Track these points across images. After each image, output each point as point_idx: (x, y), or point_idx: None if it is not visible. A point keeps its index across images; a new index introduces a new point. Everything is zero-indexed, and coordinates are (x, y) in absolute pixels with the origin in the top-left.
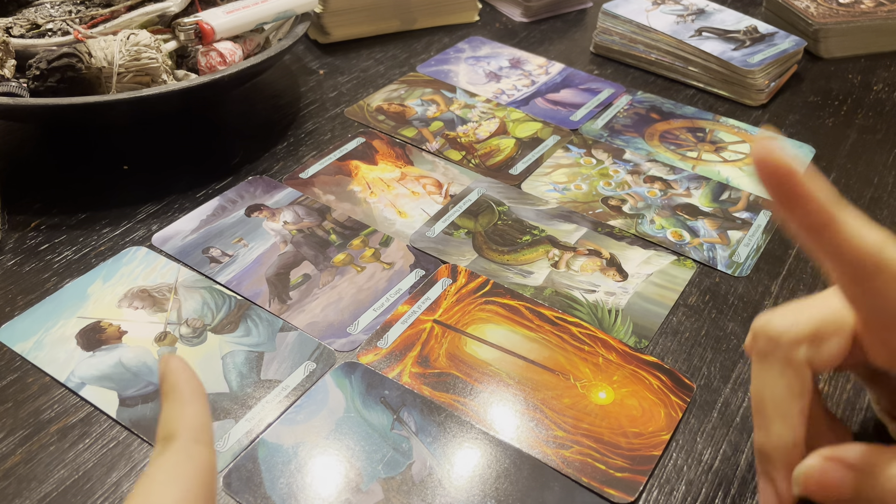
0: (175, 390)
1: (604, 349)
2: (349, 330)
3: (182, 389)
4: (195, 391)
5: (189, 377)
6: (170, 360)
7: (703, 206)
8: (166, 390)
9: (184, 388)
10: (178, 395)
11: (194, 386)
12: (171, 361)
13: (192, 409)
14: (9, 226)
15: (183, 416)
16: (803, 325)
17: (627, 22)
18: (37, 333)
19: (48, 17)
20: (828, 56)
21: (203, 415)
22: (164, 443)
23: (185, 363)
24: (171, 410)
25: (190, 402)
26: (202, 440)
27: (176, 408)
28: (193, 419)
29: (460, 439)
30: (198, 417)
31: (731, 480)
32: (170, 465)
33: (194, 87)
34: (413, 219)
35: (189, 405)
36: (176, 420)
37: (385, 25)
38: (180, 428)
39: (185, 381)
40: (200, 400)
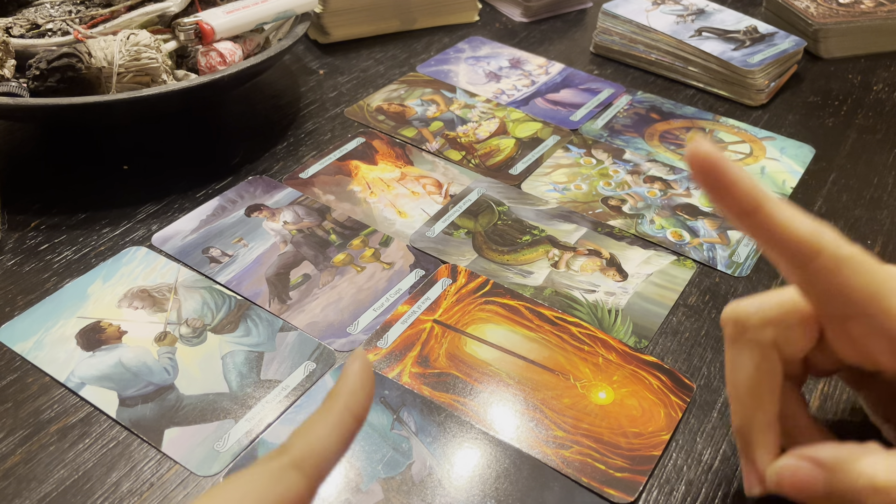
0: (332, 399)
1: (604, 349)
2: (349, 330)
3: (337, 401)
4: (347, 409)
5: (355, 390)
6: (355, 362)
7: (703, 206)
8: (330, 393)
9: (339, 400)
10: (328, 406)
11: (352, 403)
12: (354, 364)
13: (325, 430)
14: (9, 226)
15: (309, 433)
16: (769, 309)
17: (627, 22)
18: (37, 333)
19: (48, 17)
20: (828, 56)
21: (330, 441)
22: (276, 454)
23: (368, 371)
24: (310, 421)
25: (330, 420)
26: (305, 469)
27: (315, 419)
28: (315, 441)
29: (460, 439)
30: (321, 441)
31: (731, 480)
32: (253, 483)
33: (194, 87)
34: (413, 219)
35: (327, 423)
36: (302, 433)
37: (385, 25)
38: (296, 444)
39: (349, 393)
40: (343, 422)
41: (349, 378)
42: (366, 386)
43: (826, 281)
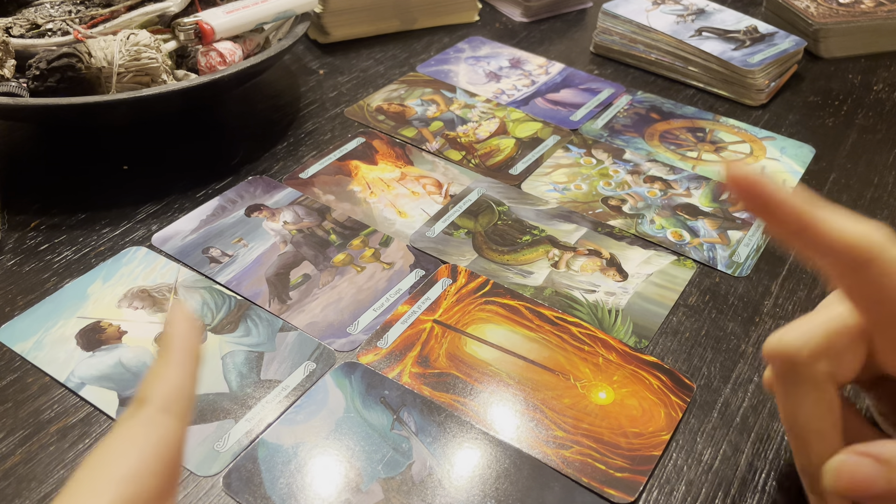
0: (167, 347)
1: (604, 349)
2: (349, 330)
3: (174, 348)
4: (186, 352)
5: (186, 334)
6: (176, 310)
7: (703, 206)
8: (162, 344)
9: (176, 346)
10: (167, 354)
11: (188, 346)
12: (177, 312)
13: (175, 373)
14: (9, 226)
15: (161, 380)
16: (817, 339)
17: (627, 22)
18: (37, 333)
19: (48, 17)
20: (828, 56)
21: (183, 381)
22: (135, 408)
23: (191, 317)
24: (155, 370)
25: (176, 364)
26: (172, 410)
27: (160, 367)
28: (170, 385)
29: (460, 439)
30: (176, 383)
31: (731, 480)
32: (129, 435)
33: (194, 87)
34: (413, 219)
35: (173, 368)
36: (153, 382)
37: (385, 25)
38: (154, 393)
39: (182, 338)
40: (187, 364)
41: (176, 323)
42: (193, 326)
43: (880, 286)
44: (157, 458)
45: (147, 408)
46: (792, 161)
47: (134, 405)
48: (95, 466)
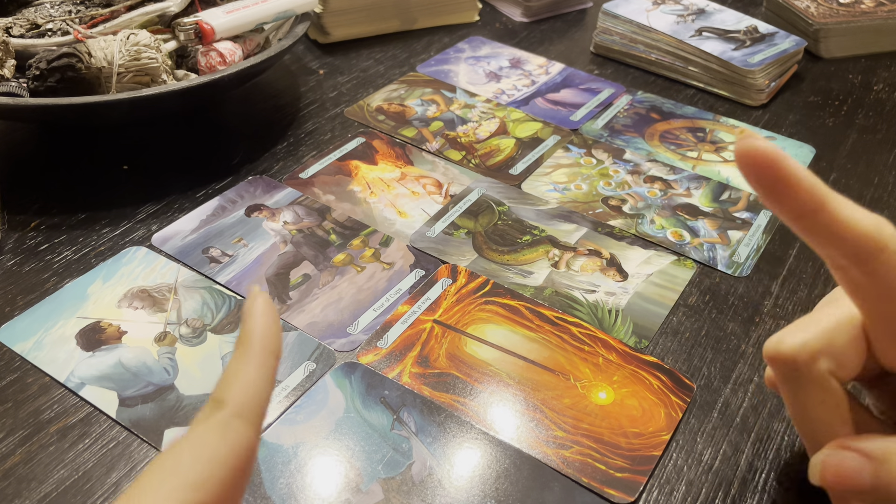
0: (246, 342)
1: (604, 349)
2: (349, 330)
3: (254, 343)
4: (266, 350)
5: (267, 329)
6: (257, 300)
7: (704, 206)
8: (240, 338)
9: (255, 343)
10: (245, 350)
11: (268, 343)
12: (257, 302)
13: (253, 375)
14: (9, 226)
15: (238, 381)
16: (815, 340)
17: (627, 22)
18: (36, 333)
19: (48, 17)
20: (828, 56)
21: (261, 384)
22: (210, 408)
23: (272, 308)
24: (233, 368)
25: (254, 364)
26: (247, 416)
27: (238, 366)
28: (247, 387)
29: (460, 439)
30: (253, 386)
31: (731, 480)
32: (201, 442)
33: (194, 87)
34: (413, 219)
35: (251, 367)
36: (231, 383)
37: (385, 25)
38: (230, 395)
39: (262, 334)
40: (267, 363)
41: (257, 319)
42: (275, 322)
43: (886, 278)
44: (228, 466)
45: (222, 411)
46: None
47: (210, 406)
48: (164, 469)
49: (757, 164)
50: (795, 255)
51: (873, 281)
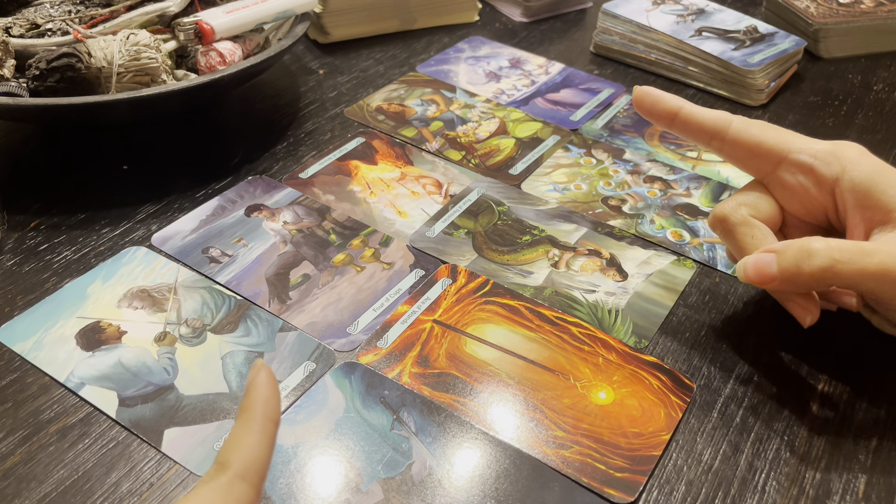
0: (249, 411)
1: (604, 349)
2: (349, 330)
3: (255, 412)
4: (267, 418)
5: (269, 399)
6: (260, 373)
7: (703, 206)
8: (243, 406)
9: (258, 411)
10: (248, 418)
11: (269, 411)
12: (260, 374)
13: (255, 440)
14: (8, 226)
15: (242, 446)
16: (735, 198)
17: (627, 22)
18: (36, 333)
19: (48, 17)
20: (828, 56)
21: (261, 449)
22: (215, 471)
23: (273, 380)
24: (236, 433)
25: (256, 430)
26: (249, 479)
27: (241, 432)
28: (250, 452)
29: (460, 439)
30: (255, 451)
31: (731, 480)
32: (207, 499)
33: (194, 87)
34: (413, 219)
35: (253, 434)
36: (235, 447)
37: (385, 25)
38: (234, 459)
39: (264, 402)
40: (267, 430)
41: (259, 388)
42: (275, 392)
43: (743, 141)
44: None
45: (226, 473)
46: None
47: (214, 468)
48: None
49: (637, 99)
50: None
51: (734, 146)
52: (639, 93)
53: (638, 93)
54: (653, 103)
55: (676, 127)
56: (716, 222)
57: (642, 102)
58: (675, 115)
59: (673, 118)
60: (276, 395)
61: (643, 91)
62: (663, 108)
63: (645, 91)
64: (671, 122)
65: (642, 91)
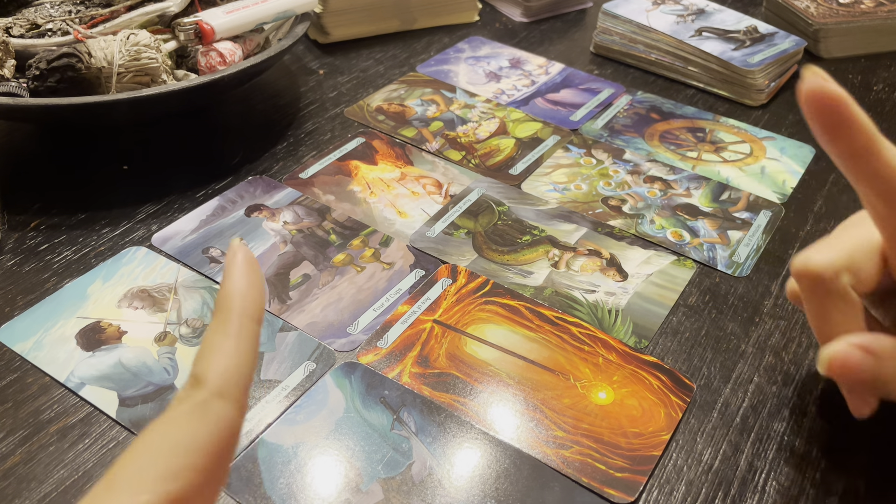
0: (224, 308)
1: (604, 349)
2: (349, 330)
3: (232, 310)
4: (245, 315)
5: (246, 290)
6: (237, 256)
7: (703, 206)
8: (217, 302)
9: (234, 307)
10: (223, 318)
11: (248, 306)
12: (236, 259)
13: (231, 345)
14: (9, 226)
15: (217, 355)
16: (839, 258)
17: (627, 22)
18: (36, 333)
19: (48, 17)
20: (828, 56)
21: (241, 356)
22: (190, 386)
23: (253, 266)
24: (211, 339)
25: (233, 333)
26: (228, 394)
27: (216, 336)
28: (227, 361)
29: (460, 439)
30: (232, 359)
31: (731, 480)
32: (178, 426)
33: (194, 87)
34: (413, 219)
35: (230, 338)
36: (209, 356)
37: (385, 25)
38: (209, 371)
39: (241, 296)
40: (246, 331)
41: (235, 280)
42: (254, 282)
43: None
44: (207, 452)
45: (201, 390)
46: (792, 161)
47: (189, 384)
48: (139, 458)
49: (825, 104)
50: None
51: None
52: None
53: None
54: (842, 120)
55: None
56: (804, 277)
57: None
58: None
59: (857, 154)
60: (256, 284)
61: (828, 92)
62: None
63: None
64: (851, 156)
65: (827, 91)
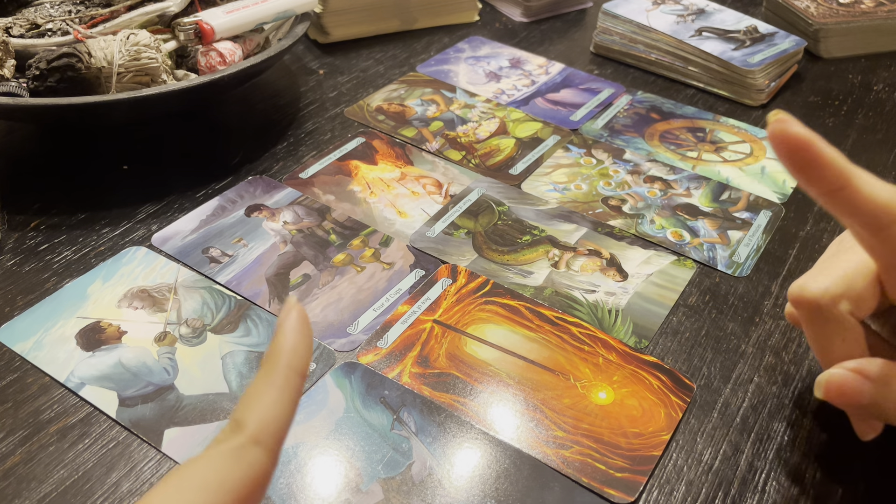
0: (272, 360)
1: (604, 349)
2: (349, 330)
3: (279, 363)
4: (291, 369)
5: (296, 347)
6: (291, 314)
7: (703, 206)
8: (267, 354)
9: (281, 361)
10: (270, 369)
11: (295, 362)
12: (291, 316)
13: (274, 396)
14: (9, 226)
15: (259, 403)
16: (836, 285)
17: (627, 22)
18: (36, 333)
19: (48, 17)
20: (828, 56)
21: (281, 407)
22: (230, 430)
23: (305, 324)
24: (255, 387)
25: (277, 385)
26: (265, 442)
27: (260, 386)
28: (268, 411)
29: (460, 439)
30: (273, 410)
31: (731, 480)
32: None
33: (194, 87)
34: (413, 219)
35: (273, 389)
36: (252, 404)
37: (385, 25)
38: (250, 418)
39: (290, 351)
40: (290, 384)
41: (287, 334)
42: (305, 338)
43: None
44: (236, 494)
45: (240, 435)
46: None
47: (229, 427)
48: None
49: (791, 148)
50: (795, 255)
51: (887, 246)
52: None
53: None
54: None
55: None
56: (801, 305)
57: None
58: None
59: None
60: (305, 342)
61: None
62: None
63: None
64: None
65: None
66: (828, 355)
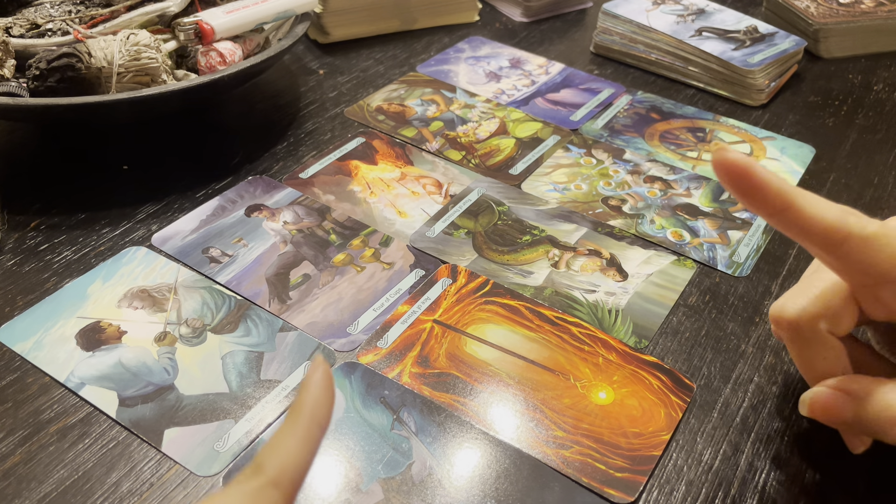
0: (297, 412)
1: (604, 349)
2: (349, 330)
3: (303, 415)
4: (314, 422)
5: (319, 401)
6: (317, 371)
7: (704, 206)
8: (293, 406)
9: (305, 413)
10: (294, 419)
11: (318, 415)
12: (316, 373)
13: (295, 444)
14: (9, 226)
15: (281, 450)
16: (813, 306)
17: (627, 22)
18: (36, 333)
19: (48, 17)
20: (828, 56)
21: (301, 456)
22: (250, 472)
23: (329, 381)
24: (279, 435)
25: (300, 435)
26: (282, 486)
27: (284, 434)
28: (288, 458)
29: (460, 439)
30: (293, 457)
31: (731, 480)
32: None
33: (194, 87)
34: (413, 219)
35: (295, 439)
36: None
37: (385, 25)
38: (270, 463)
39: (314, 405)
40: (311, 435)
41: (312, 389)
42: (328, 394)
43: (857, 259)
44: None
45: (259, 478)
46: (792, 161)
47: (250, 469)
48: None
49: (731, 174)
50: (795, 255)
51: (844, 264)
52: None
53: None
54: (750, 185)
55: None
56: (781, 326)
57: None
58: (783, 209)
59: (777, 213)
60: (328, 398)
61: (734, 161)
62: (768, 198)
63: (739, 164)
64: (772, 216)
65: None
66: (811, 372)
